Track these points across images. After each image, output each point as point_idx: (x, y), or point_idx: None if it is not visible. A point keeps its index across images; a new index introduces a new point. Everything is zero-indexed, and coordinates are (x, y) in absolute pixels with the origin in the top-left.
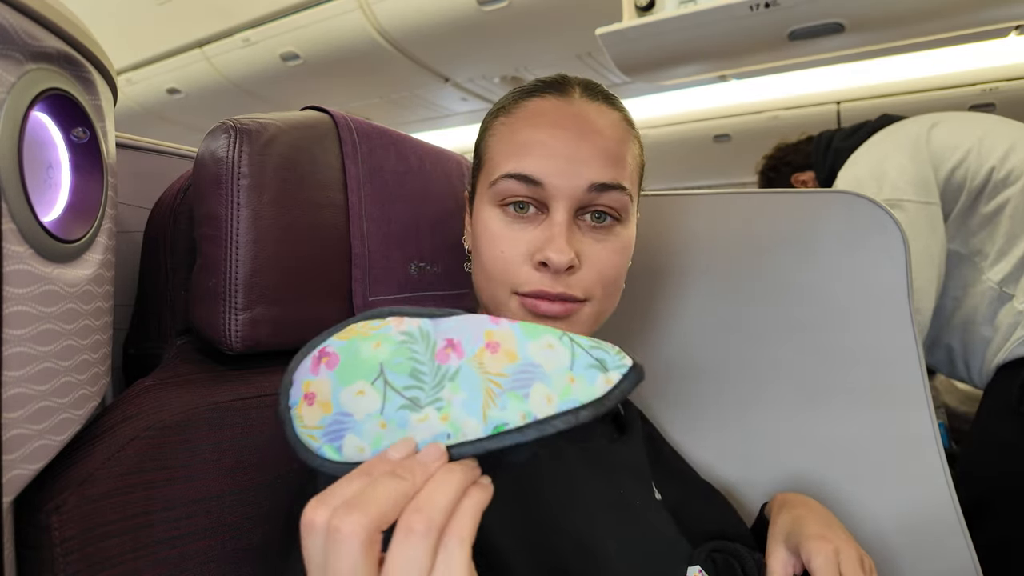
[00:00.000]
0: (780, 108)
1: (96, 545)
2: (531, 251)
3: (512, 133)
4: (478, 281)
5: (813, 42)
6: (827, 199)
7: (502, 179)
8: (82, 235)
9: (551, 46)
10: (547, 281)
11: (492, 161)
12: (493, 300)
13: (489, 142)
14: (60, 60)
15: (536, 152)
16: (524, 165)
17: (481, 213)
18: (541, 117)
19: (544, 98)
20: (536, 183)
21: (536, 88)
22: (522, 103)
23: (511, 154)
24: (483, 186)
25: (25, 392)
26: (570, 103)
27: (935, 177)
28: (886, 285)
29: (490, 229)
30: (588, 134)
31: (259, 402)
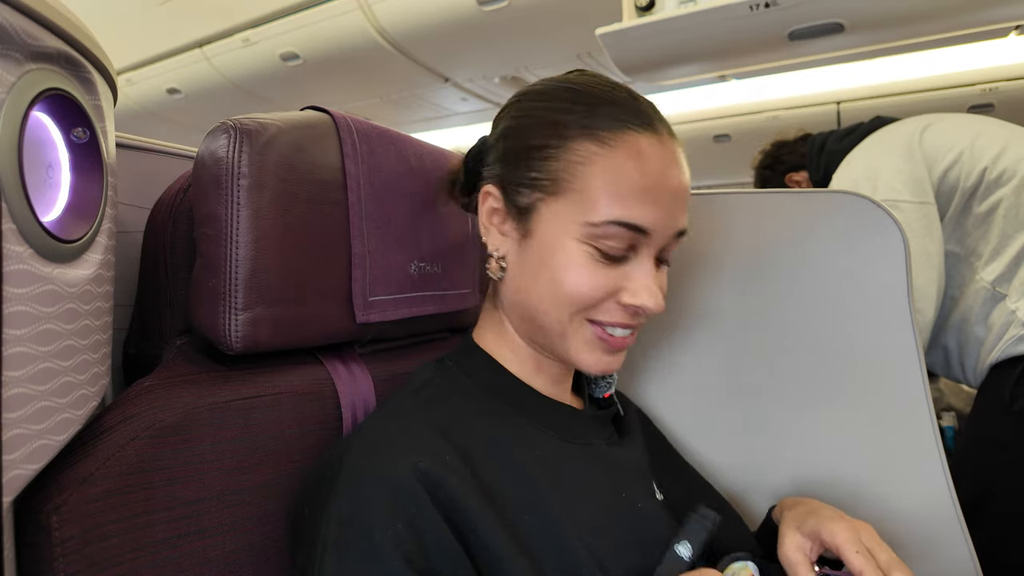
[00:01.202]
0: (780, 108)
1: (96, 545)
2: (615, 289)
3: (618, 174)
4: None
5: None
6: (827, 199)
7: (610, 225)
8: (82, 235)
9: (551, 46)
10: (628, 316)
11: (587, 196)
12: (556, 325)
13: (580, 171)
14: (60, 60)
15: (646, 202)
16: (635, 215)
17: (561, 243)
18: (645, 160)
19: (641, 134)
20: (643, 232)
21: (627, 115)
22: (619, 136)
23: (619, 198)
24: (568, 217)
25: (25, 392)
26: (663, 142)
27: (929, 178)
28: (886, 285)
29: (577, 264)
30: (681, 183)
31: (259, 402)
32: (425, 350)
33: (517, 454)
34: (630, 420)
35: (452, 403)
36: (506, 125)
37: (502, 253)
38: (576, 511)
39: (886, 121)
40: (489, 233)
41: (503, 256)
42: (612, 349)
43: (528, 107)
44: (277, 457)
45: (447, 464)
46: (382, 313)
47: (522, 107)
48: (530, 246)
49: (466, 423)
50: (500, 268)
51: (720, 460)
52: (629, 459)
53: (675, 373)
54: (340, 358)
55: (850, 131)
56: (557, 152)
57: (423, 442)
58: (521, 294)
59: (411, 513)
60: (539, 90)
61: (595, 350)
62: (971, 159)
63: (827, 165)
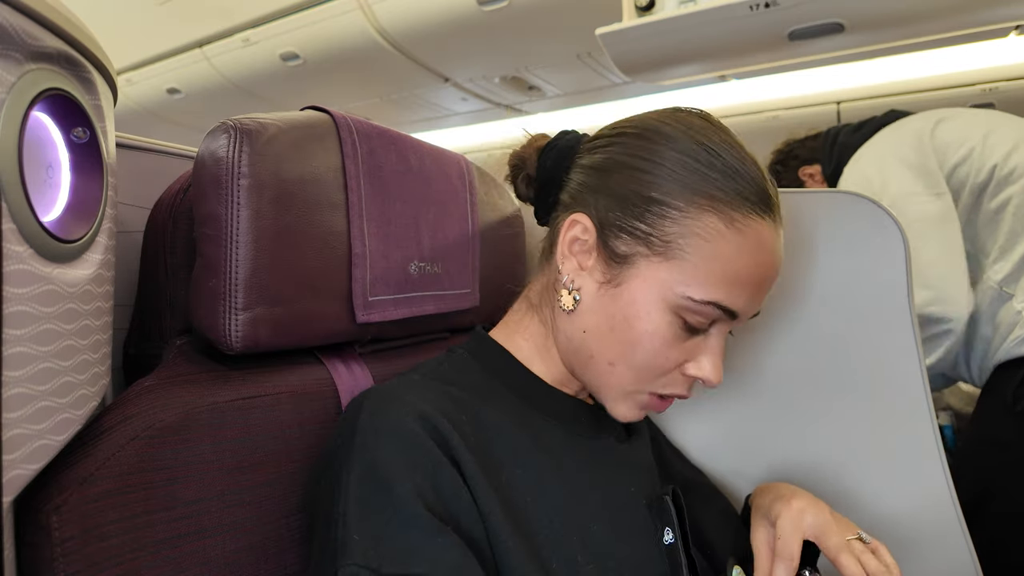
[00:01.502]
0: (780, 108)
1: (96, 545)
2: (683, 360)
3: (732, 257)
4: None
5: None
6: (827, 199)
7: (710, 305)
8: (82, 235)
9: (551, 46)
10: (686, 387)
11: (697, 270)
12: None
13: (697, 244)
14: (60, 60)
15: (747, 289)
16: (735, 301)
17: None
18: (760, 251)
19: (763, 221)
20: (734, 316)
21: (756, 201)
22: (746, 220)
23: (728, 282)
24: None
25: (25, 392)
26: (775, 233)
27: (940, 172)
28: (886, 285)
29: (663, 335)
30: (777, 271)
31: (259, 402)
32: (425, 350)
33: (522, 440)
34: (636, 423)
35: (460, 384)
36: (618, 158)
37: (578, 287)
38: (578, 501)
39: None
40: (567, 262)
41: (578, 289)
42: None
43: (653, 151)
44: (277, 457)
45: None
46: (382, 313)
47: (644, 148)
48: (614, 295)
49: (473, 403)
50: (573, 301)
51: (719, 461)
52: (637, 456)
53: None
54: (340, 358)
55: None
56: (678, 216)
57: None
58: (588, 335)
59: (429, 467)
60: (667, 135)
61: (636, 407)
62: (981, 155)
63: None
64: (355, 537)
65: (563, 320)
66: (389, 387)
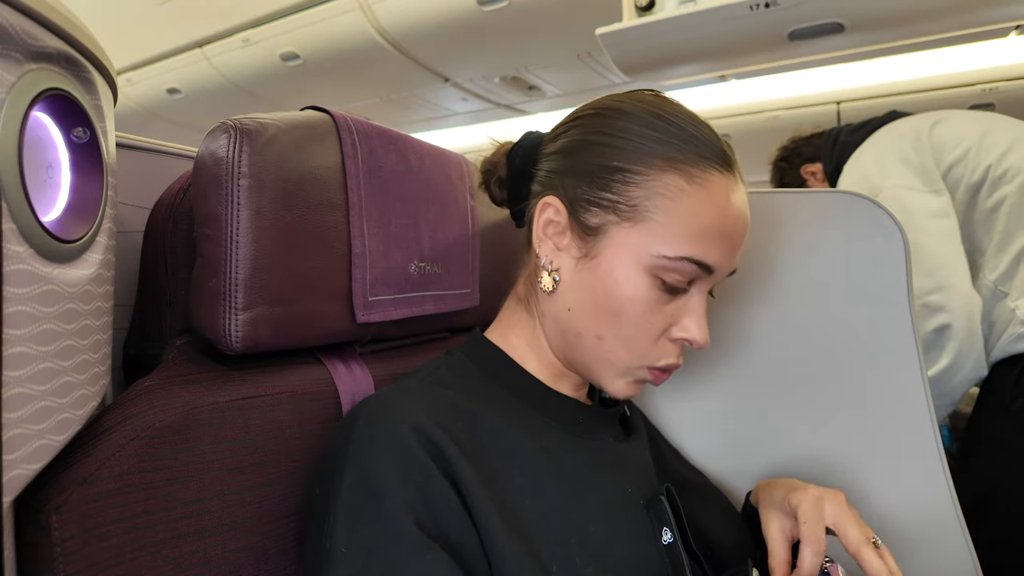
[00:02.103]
0: (780, 108)
1: (96, 545)
2: (668, 324)
3: (700, 213)
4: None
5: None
6: (827, 199)
7: (683, 261)
8: (82, 235)
9: (551, 46)
10: (677, 354)
11: (666, 229)
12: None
13: (663, 203)
14: (60, 60)
15: (719, 242)
16: (707, 253)
17: (626, 271)
18: (724, 203)
19: (723, 175)
20: (709, 271)
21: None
22: (705, 174)
23: (697, 236)
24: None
25: (25, 392)
26: (737, 188)
27: (937, 170)
28: (886, 285)
29: (643, 299)
30: (747, 227)
31: (259, 402)
32: (425, 350)
33: (521, 442)
34: (636, 421)
35: (458, 388)
36: (579, 138)
37: (556, 267)
38: (578, 502)
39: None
40: (543, 245)
41: (557, 270)
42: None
43: (611, 125)
44: (277, 457)
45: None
46: (382, 313)
47: (602, 123)
48: (592, 268)
49: (471, 407)
50: (553, 282)
51: (718, 460)
52: (636, 456)
53: (676, 374)
54: (340, 358)
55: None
56: (640, 179)
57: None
58: (574, 312)
59: (420, 480)
60: (623, 110)
61: (633, 383)
62: (977, 155)
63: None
64: (342, 550)
65: (547, 303)
66: (385, 395)
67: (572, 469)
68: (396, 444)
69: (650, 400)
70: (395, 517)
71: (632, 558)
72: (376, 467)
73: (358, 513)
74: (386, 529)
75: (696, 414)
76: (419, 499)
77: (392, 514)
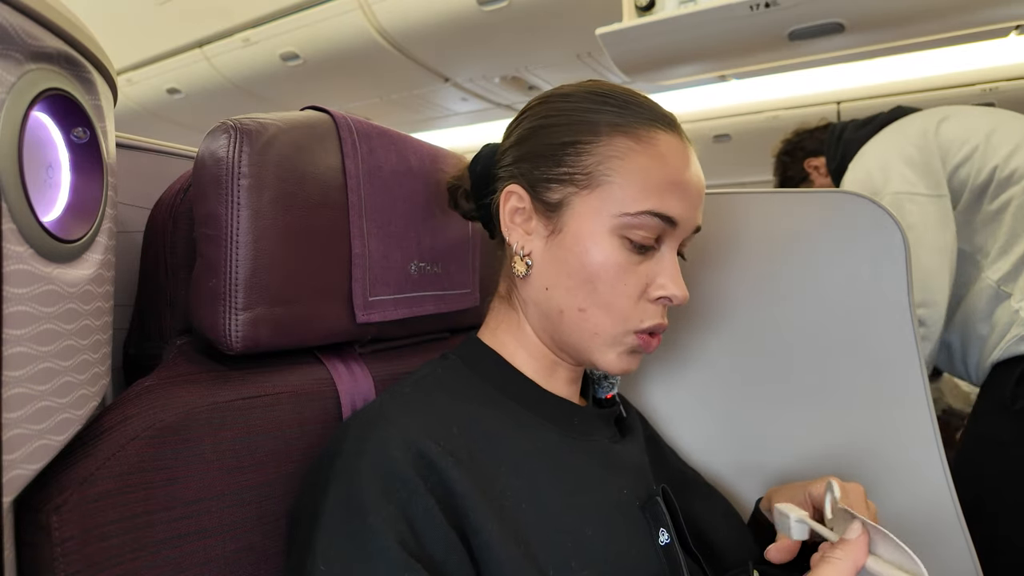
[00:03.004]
0: (780, 108)
1: (96, 545)
2: (646, 285)
3: (651, 168)
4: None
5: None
6: (827, 199)
7: (645, 215)
8: (82, 235)
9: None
10: (660, 314)
11: (623, 189)
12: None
13: (616, 165)
14: (60, 60)
15: (675, 195)
16: (667, 206)
17: (595, 238)
18: (674, 158)
19: (668, 133)
20: (673, 223)
21: (656, 117)
22: (651, 133)
23: (654, 191)
24: (602, 210)
25: (25, 392)
26: (687, 146)
27: (943, 170)
28: (886, 285)
29: (616, 262)
30: (701, 180)
31: (259, 402)
32: (425, 350)
33: (517, 445)
34: (631, 421)
35: (453, 392)
36: (530, 126)
37: (528, 251)
38: (574, 504)
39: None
40: (512, 233)
41: (528, 254)
42: (639, 350)
43: (555, 107)
44: (277, 457)
45: (444, 446)
46: (382, 313)
47: (548, 108)
48: (560, 242)
49: (467, 411)
50: (526, 266)
51: (718, 460)
52: (631, 457)
53: (674, 373)
54: (340, 358)
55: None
56: (591, 147)
57: (420, 424)
58: (552, 290)
59: (403, 497)
60: (563, 93)
61: (625, 353)
62: (983, 156)
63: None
64: (321, 568)
65: (525, 289)
66: (378, 407)
67: (568, 471)
68: (383, 460)
69: (648, 400)
70: (376, 535)
71: (629, 559)
72: (361, 483)
73: (340, 530)
74: (366, 547)
75: (695, 414)
76: (402, 516)
77: (373, 532)
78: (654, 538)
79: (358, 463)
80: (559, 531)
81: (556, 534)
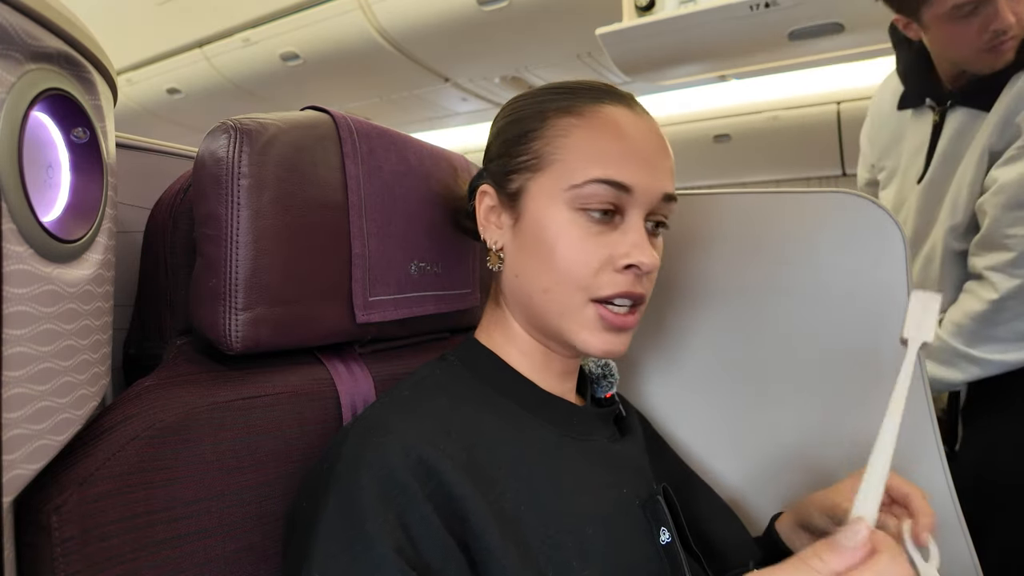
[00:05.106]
0: (780, 108)
1: (96, 545)
2: (611, 256)
3: (594, 138)
4: (537, 284)
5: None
6: (827, 199)
7: (591, 184)
8: (82, 235)
9: (551, 46)
10: (630, 282)
11: (568, 164)
12: (559, 307)
13: (559, 142)
14: (60, 60)
15: (625, 162)
16: (615, 172)
17: (552, 215)
18: (622, 128)
19: (615, 107)
20: (626, 190)
21: (603, 94)
22: (594, 108)
23: (598, 160)
24: (552, 186)
25: (25, 392)
26: (640, 116)
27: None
28: (886, 285)
29: (570, 234)
30: (662, 148)
31: (259, 402)
32: (426, 350)
33: (516, 447)
34: (631, 421)
35: (452, 394)
36: (495, 131)
37: (500, 244)
38: (574, 505)
39: None
40: (487, 231)
41: (501, 248)
42: (614, 327)
43: (513, 107)
44: (277, 457)
45: (443, 451)
46: (382, 313)
47: (508, 110)
48: (523, 228)
49: (466, 413)
50: (499, 259)
51: (718, 460)
52: (630, 457)
53: (675, 373)
54: (340, 358)
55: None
56: (539, 132)
57: (419, 429)
58: (520, 277)
59: (401, 504)
60: (522, 94)
61: (597, 329)
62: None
63: None
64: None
65: (502, 282)
66: (376, 413)
67: (567, 472)
68: (381, 467)
69: (648, 400)
70: (374, 544)
71: (630, 559)
72: (359, 491)
73: (337, 536)
74: (363, 556)
75: (695, 413)
76: (399, 524)
77: (371, 540)
78: (655, 537)
79: (357, 469)
80: (559, 532)
81: (556, 535)
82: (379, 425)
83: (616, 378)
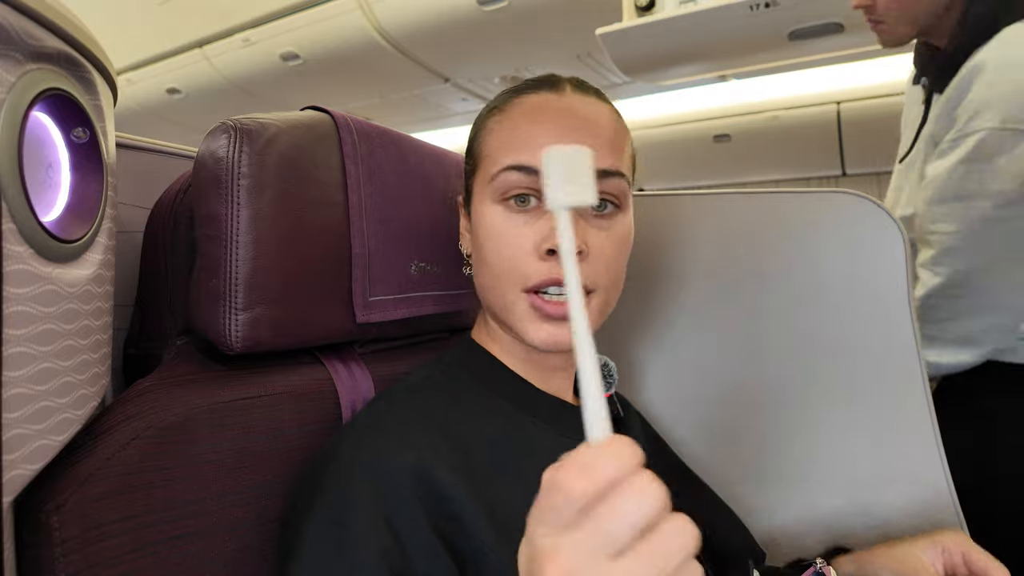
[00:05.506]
0: (780, 108)
1: (96, 545)
2: (537, 243)
3: (511, 128)
4: (483, 283)
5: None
6: (827, 199)
7: (503, 172)
8: (82, 235)
9: (551, 46)
10: (556, 268)
11: (490, 158)
12: (501, 301)
13: (486, 140)
14: (60, 60)
15: (537, 142)
16: (526, 156)
17: (482, 211)
18: (539, 112)
19: (538, 94)
20: (538, 172)
21: (528, 86)
22: (516, 100)
23: (511, 148)
24: (481, 184)
25: (25, 392)
26: (563, 97)
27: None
28: (886, 285)
29: (494, 226)
30: (586, 124)
31: (259, 402)
32: (425, 350)
33: (513, 448)
34: (630, 422)
35: (449, 395)
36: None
37: (468, 251)
38: None
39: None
40: (463, 237)
41: (469, 254)
42: (552, 317)
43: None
44: (277, 457)
45: (438, 452)
46: (382, 313)
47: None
48: (473, 229)
49: (462, 415)
50: (468, 265)
51: (719, 461)
52: None
53: (675, 374)
54: (340, 358)
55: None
56: (476, 135)
57: (414, 432)
58: (476, 277)
59: (389, 508)
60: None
61: (534, 320)
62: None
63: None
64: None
65: (475, 286)
66: (373, 415)
67: None
68: (373, 471)
69: (648, 400)
70: (359, 548)
71: None
72: (348, 495)
73: (324, 541)
74: (348, 560)
75: (695, 414)
76: (387, 528)
77: (356, 543)
78: None
79: (349, 474)
80: None
81: None
82: (374, 427)
83: (615, 378)
